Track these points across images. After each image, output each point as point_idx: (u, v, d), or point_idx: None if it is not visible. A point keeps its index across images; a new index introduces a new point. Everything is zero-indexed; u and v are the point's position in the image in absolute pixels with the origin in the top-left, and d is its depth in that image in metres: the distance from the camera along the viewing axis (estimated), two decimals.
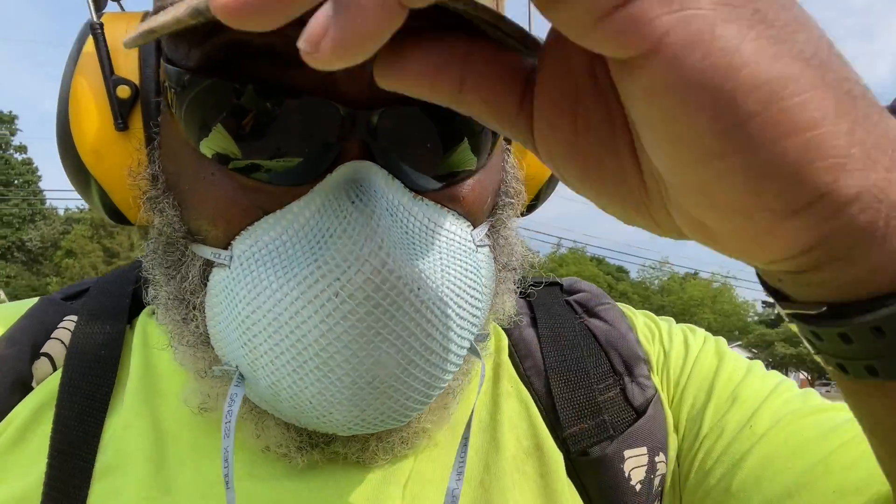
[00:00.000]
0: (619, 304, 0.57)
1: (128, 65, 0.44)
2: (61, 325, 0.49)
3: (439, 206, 0.40)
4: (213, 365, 0.42)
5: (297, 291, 0.36)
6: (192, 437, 0.45)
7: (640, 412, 0.49)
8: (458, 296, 0.39)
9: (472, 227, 0.42)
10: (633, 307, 0.57)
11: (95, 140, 0.44)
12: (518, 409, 0.49)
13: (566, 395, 0.49)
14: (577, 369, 0.50)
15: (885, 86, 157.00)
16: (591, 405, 0.49)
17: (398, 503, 0.44)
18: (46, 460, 0.42)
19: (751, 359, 0.50)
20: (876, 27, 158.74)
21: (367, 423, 0.40)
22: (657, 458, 0.48)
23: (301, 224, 0.37)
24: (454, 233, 0.40)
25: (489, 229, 0.45)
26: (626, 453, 0.48)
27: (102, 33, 0.43)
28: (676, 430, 0.50)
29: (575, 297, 0.57)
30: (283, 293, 0.36)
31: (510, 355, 0.53)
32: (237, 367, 0.40)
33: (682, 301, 46.28)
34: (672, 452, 0.50)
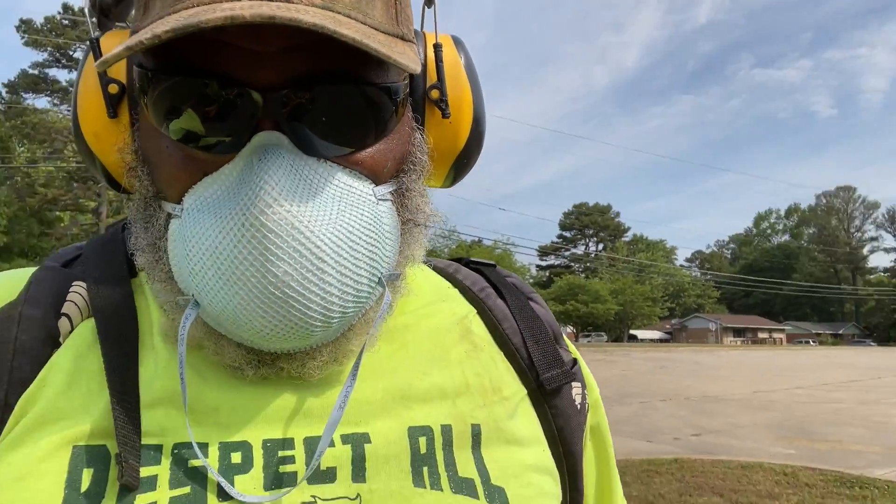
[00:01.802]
0: None
1: (118, 68, 0.57)
2: (72, 289, 0.57)
3: (342, 167, 0.52)
4: (177, 296, 0.53)
5: (218, 226, 0.48)
6: (214, 375, 0.55)
7: (571, 365, 0.70)
8: (352, 233, 0.50)
9: (374, 185, 0.53)
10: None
11: (94, 125, 0.59)
12: (471, 352, 0.65)
13: (538, 351, 0.67)
14: (541, 333, 0.69)
15: (630, 73, 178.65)
16: (555, 358, 0.67)
17: (318, 409, 0.55)
18: (110, 400, 0.50)
19: None
20: (625, 20, 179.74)
21: (279, 330, 0.49)
22: (584, 391, 0.71)
23: (230, 181, 0.49)
24: (354, 187, 0.52)
25: (395, 189, 0.56)
26: (572, 384, 0.69)
27: (99, 46, 0.58)
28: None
29: (511, 280, 0.74)
30: (211, 230, 0.48)
31: (483, 316, 0.69)
32: (192, 294, 0.50)
33: None
34: (588, 392, 0.73)
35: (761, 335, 76.60)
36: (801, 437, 9.41)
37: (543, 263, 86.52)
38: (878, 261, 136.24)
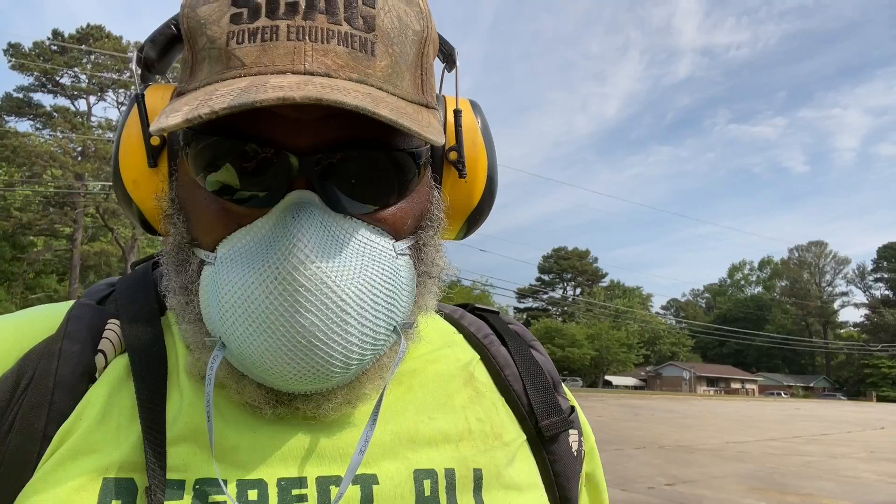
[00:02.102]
0: None
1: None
2: (107, 327, 0.61)
3: (366, 223, 0.56)
4: (205, 337, 0.56)
5: (251, 277, 0.51)
6: (233, 415, 0.58)
7: (569, 412, 0.73)
8: (374, 286, 0.53)
9: (394, 240, 0.57)
10: None
11: (134, 172, 0.62)
12: (475, 399, 0.68)
13: (538, 398, 0.70)
14: (541, 381, 0.72)
15: (610, 122, 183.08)
16: (554, 405, 0.71)
17: (330, 450, 0.58)
18: (142, 436, 0.53)
19: None
20: (608, 72, 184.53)
21: (302, 375, 0.52)
22: (581, 439, 0.74)
23: (262, 234, 0.52)
24: (377, 243, 0.55)
25: (413, 244, 0.60)
26: (570, 431, 0.72)
27: (143, 101, 0.61)
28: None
29: (513, 327, 0.78)
30: (244, 279, 0.51)
31: (486, 362, 0.72)
32: (219, 337, 0.54)
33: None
34: (584, 439, 0.76)
35: (734, 385, 77.00)
36: (772, 489, 9.45)
37: (521, 306, 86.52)
38: (849, 315, 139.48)
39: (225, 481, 0.53)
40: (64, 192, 35.43)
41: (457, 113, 0.66)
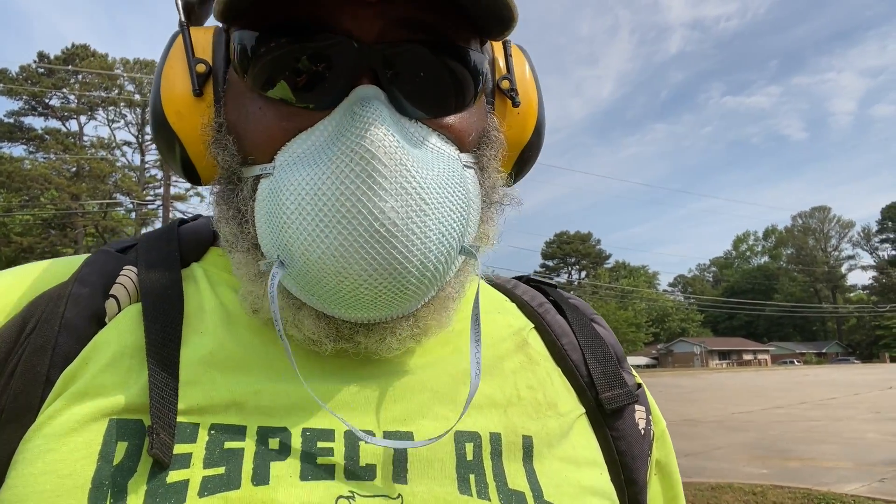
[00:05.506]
0: None
1: (204, 49, 0.60)
2: (122, 272, 0.59)
3: (431, 129, 0.54)
4: (258, 261, 0.54)
5: (319, 170, 0.49)
6: (265, 351, 0.55)
7: (635, 388, 0.68)
8: (447, 185, 0.51)
9: (458, 150, 0.56)
10: None
11: (178, 103, 0.59)
12: (526, 366, 0.63)
13: (599, 369, 0.66)
14: (603, 352, 0.67)
15: (605, 104, 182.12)
16: (617, 377, 0.66)
17: (360, 401, 0.54)
18: (148, 376, 0.50)
19: None
20: (599, 54, 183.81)
21: (377, 276, 0.49)
22: (649, 417, 0.69)
23: (328, 134, 0.51)
24: (443, 149, 0.54)
25: (475, 161, 0.58)
26: (636, 407, 0.67)
27: (189, 30, 0.61)
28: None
29: (573, 300, 0.74)
30: (310, 174, 0.49)
31: (540, 331, 0.68)
32: (277, 256, 0.51)
33: None
34: (654, 421, 0.71)
35: (746, 357, 76.80)
36: (775, 456, 9.49)
37: None
38: (857, 279, 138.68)
39: (244, 427, 0.51)
40: (62, 214, 35.59)
41: (506, 43, 0.65)
